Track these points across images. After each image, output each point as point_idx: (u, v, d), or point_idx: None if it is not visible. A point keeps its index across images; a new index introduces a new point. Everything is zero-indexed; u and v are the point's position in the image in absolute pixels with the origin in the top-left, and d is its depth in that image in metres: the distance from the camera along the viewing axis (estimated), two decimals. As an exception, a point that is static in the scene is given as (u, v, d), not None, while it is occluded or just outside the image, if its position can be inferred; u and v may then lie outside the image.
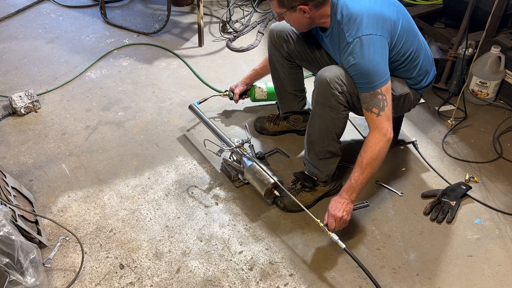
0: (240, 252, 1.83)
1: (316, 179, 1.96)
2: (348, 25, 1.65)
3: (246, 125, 2.23)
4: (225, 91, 2.47)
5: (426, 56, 1.90)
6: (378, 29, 1.65)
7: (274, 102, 2.52)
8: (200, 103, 2.41)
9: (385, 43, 1.67)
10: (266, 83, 2.48)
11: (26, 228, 1.70)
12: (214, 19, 3.42)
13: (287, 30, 2.03)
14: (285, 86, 2.19)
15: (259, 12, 3.49)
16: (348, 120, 2.41)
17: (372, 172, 1.74)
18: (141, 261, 1.80)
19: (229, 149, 2.09)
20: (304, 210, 1.82)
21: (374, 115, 1.70)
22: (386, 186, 2.10)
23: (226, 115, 2.53)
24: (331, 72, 1.74)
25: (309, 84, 2.37)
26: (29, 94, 2.49)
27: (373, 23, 1.64)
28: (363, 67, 1.64)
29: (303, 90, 2.25)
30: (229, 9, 3.30)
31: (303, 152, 2.27)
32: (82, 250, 1.81)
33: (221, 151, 2.10)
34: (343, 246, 1.68)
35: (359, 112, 1.93)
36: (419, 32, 1.88)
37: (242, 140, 2.13)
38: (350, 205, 1.76)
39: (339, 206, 1.74)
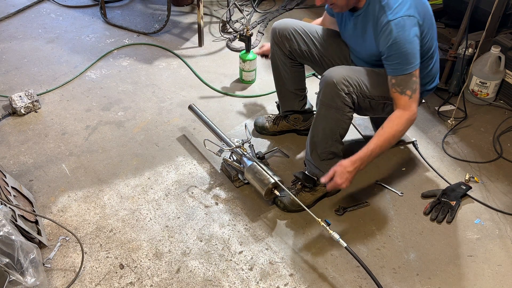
0: (240, 252, 1.83)
1: (316, 179, 1.96)
2: (390, 4, 1.65)
3: (246, 125, 2.23)
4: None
5: (437, 59, 1.91)
6: (419, 15, 1.67)
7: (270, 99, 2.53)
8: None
9: (418, 30, 1.68)
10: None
11: (26, 228, 1.70)
12: (214, 19, 3.42)
13: (289, 28, 2.03)
14: (286, 85, 2.19)
15: (259, 12, 3.49)
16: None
17: (386, 149, 1.74)
18: (141, 261, 1.80)
19: (229, 149, 2.09)
20: (304, 210, 1.82)
21: (407, 98, 1.71)
22: (386, 186, 2.10)
23: (226, 115, 2.53)
24: (338, 73, 1.73)
25: (309, 84, 2.38)
26: (29, 94, 2.49)
27: (415, 7, 1.66)
28: (404, 47, 1.64)
29: (304, 89, 2.25)
30: (229, 9, 3.30)
31: (303, 152, 2.27)
32: (82, 250, 1.81)
33: (221, 151, 2.10)
34: (345, 245, 1.68)
35: (362, 113, 1.93)
36: None
37: (242, 140, 2.13)
38: (354, 174, 1.74)
39: (346, 176, 1.72)
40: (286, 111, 2.29)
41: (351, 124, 2.39)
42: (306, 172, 1.97)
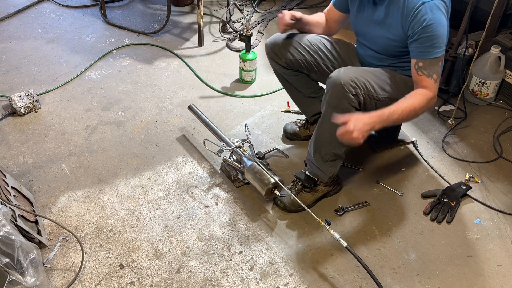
0: (240, 252, 1.83)
1: (317, 179, 1.96)
2: None
3: (246, 125, 2.23)
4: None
5: (443, 59, 1.91)
6: (449, 2, 1.68)
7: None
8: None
9: (447, 15, 1.69)
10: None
11: (26, 228, 1.70)
12: (214, 19, 3.42)
13: (280, 41, 2.02)
14: (300, 93, 2.18)
15: (259, 12, 3.49)
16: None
17: (403, 119, 1.72)
18: (141, 261, 1.80)
19: (229, 149, 2.09)
20: (304, 210, 1.81)
21: (433, 81, 1.72)
22: (386, 186, 2.10)
23: (226, 115, 2.53)
24: (345, 74, 1.72)
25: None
26: (29, 94, 2.49)
27: None
28: (437, 30, 1.66)
29: (320, 89, 2.22)
30: (229, 9, 3.30)
31: (302, 152, 2.27)
32: (82, 250, 1.81)
33: (221, 151, 2.10)
34: (345, 244, 1.68)
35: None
36: None
37: (242, 140, 2.13)
38: (368, 128, 1.64)
39: (362, 128, 1.61)
40: (312, 116, 2.27)
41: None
42: (306, 172, 1.97)
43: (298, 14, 2.00)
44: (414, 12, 1.67)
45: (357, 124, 1.61)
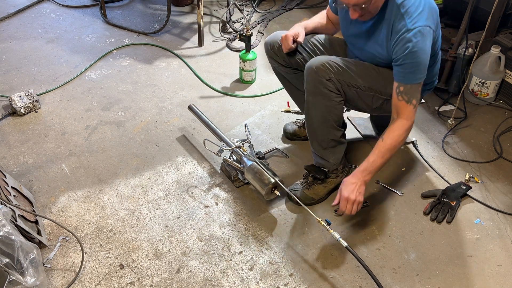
0: (240, 252, 1.83)
1: (327, 171, 1.97)
2: (410, 10, 1.64)
3: (246, 125, 2.23)
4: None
5: (439, 58, 1.91)
6: (434, 24, 1.67)
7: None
8: None
9: (432, 40, 1.69)
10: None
11: (26, 228, 1.70)
12: (214, 19, 3.42)
13: (278, 40, 2.03)
14: (299, 91, 2.18)
15: (259, 12, 3.49)
16: (348, 120, 2.42)
17: (389, 158, 1.74)
18: (141, 261, 1.80)
19: (229, 149, 2.09)
20: (318, 203, 1.87)
21: (412, 107, 1.72)
22: (386, 186, 2.10)
23: (226, 115, 2.53)
24: (318, 60, 1.76)
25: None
26: (29, 94, 2.49)
27: (432, 17, 1.66)
28: (420, 57, 1.65)
29: None
30: (229, 9, 3.30)
31: (302, 152, 2.28)
32: (82, 250, 1.81)
33: (221, 151, 2.10)
34: (345, 244, 1.68)
35: (354, 103, 1.91)
36: None
37: (242, 140, 2.13)
38: (363, 186, 1.73)
39: (352, 188, 1.71)
40: None
41: (352, 125, 2.42)
42: (315, 164, 1.99)
43: (300, 32, 1.99)
44: (399, 38, 1.67)
45: (348, 188, 1.71)
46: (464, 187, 2.05)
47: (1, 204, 1.64)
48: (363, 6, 1.65)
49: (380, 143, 1.73)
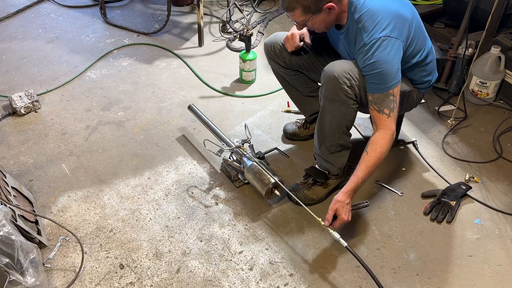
0: (240, 252, 1.83)
1: (328, 173, 1.97)
2: (366, 25, 1.64)
3: (246, 125, 2.23)
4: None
5: (432, 56, 1.90)
6: (395, 31, 1.65)
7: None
8: None
9: (401, 46, 1.67)
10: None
11: (26, 228, 1.70)
12: (214, 19, 3.42)
13: (279, 41, 2.03)
14: (299, 92, 2.19)
15: (259, 12, 3.49)
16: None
17: (374, 171, 1.75)
18: (141, 261, 1.80)
19: (229, 149, 2.09)
20: (317, 203, 1.87)
21: (385, 116, 1.71)
22: (386, 186, 2.10)
23: (226, 115, 2.53)
24: (339, 67, 1.73)
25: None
26: (29, 94, 2.49)
27: (391, 24, 1.64)
28: (379, 68, 1.64)
29: (318, 89, 2.23)
30: (229, 9, 3.30)
31: (302, 152, 2.27)
32: (82, 250, 1.81)
33: (221, 151, 2.10)
34: (345, 244, 1.68)
35: (366, 108, 1.92)
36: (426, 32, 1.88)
37: (242, 140, 2.13)
38: (350, 204, 1.76)
39: (345, 209, 1.74)
40: (311, 115, 2.27)
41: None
42: (316, 166, 1.99)
43: (306, 33, 1.99)
44: (358, 52, 1.69)
45: (345, 211, 1.73)
46: (464, 187, 2.05)
47: (1, 204, 1.64)
48: (302, 24, 1.71)
49: (366, 157, 1.74)
